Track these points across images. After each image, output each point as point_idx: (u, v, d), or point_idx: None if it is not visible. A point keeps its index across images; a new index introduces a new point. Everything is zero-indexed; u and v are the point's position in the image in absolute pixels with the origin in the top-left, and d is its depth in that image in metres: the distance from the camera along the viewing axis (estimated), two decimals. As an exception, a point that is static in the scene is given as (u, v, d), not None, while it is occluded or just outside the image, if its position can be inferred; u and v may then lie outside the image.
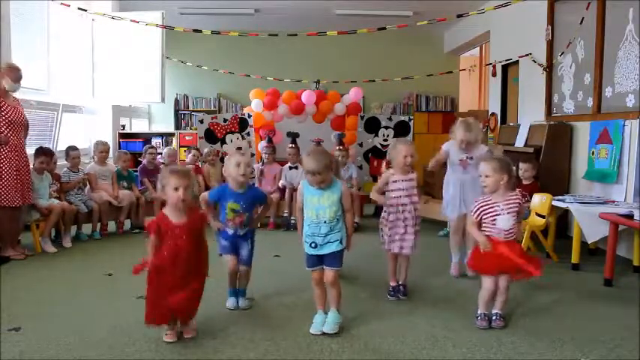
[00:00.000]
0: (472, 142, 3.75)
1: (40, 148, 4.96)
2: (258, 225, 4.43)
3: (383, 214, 3.44)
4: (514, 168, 3.06)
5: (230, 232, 3.17)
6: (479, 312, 2.97)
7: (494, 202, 2.92)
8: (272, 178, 5.98)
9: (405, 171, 3.35)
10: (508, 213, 2.89)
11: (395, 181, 3.35)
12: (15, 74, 4.33)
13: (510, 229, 2.90)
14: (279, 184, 5.96)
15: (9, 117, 4.25)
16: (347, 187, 2.90)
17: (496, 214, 2.90)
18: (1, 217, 4.27)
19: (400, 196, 3.34)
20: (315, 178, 2.75)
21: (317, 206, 2.79)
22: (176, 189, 2.63)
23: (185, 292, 2.64)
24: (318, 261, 2.85)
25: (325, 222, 2.78)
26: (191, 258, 2.68)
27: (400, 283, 3.45)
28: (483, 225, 2.96)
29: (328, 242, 2.80)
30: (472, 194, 3.56)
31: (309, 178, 2.78)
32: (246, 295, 3.32)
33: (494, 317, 2.95)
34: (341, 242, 2.82)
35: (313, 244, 2.82)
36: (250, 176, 3.26)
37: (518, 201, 2.93)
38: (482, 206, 2.96)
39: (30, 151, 4.78)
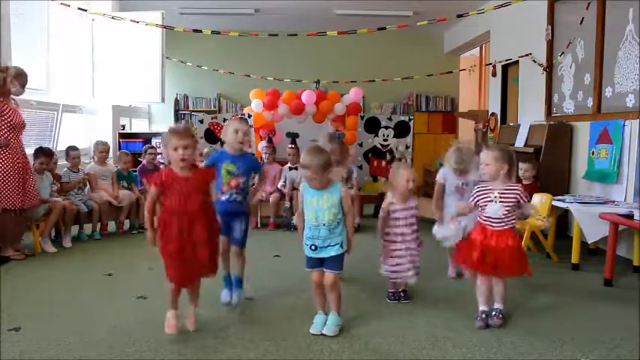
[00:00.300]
0: (465, 171, 3.74)
1: (40, 148, 4.96)
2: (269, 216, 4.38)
3: (385, 237, 3.35)
4: (515, 159, 3.06)
5: (225, 197, 3.13)
6: (479, 310, 2.97)
7: (490, 189, 2.93)
8: (272, 178, 5.98)
9: (406, 197, 3.30)
10: (501, 202, 2.88)
11: (395, 211, 3.31)
12: (23, 80, 4.42)
13: (501, 218, 2.88)
14: (279, 185, 5.96)
15: (10, 120, 4.26)
16: (347, 188, 2.87)
17: (488, 200, 2.91)
18: (4, 219, 4.27)
19: (399, 225, 3.30)
20: (307, 174, 2.75)
21: (316, 208, 2.78)
22: (175, 149, 2.62)
23: (202, 248, 2.65)
24: (318, 263, 2.84)
25: (324, 225, 2.76)
26: (197, 215, 2.65)
27: (400, 289, 3.43)
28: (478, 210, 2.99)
29: (329, 245, 2.78)
30: (469, 221, 3.56)
31: (304, 173, 2.79)
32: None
33: (493, 313, 2.95)
34: (341, 246, 2.80)
35: (313, 247, 2.80)
36: (248, 144, 3.25)
37: (517, 192, 2.90)
38: (479, 191, 2.99)
39: (29, 151, 4.79)
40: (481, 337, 2.79)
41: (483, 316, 2.95)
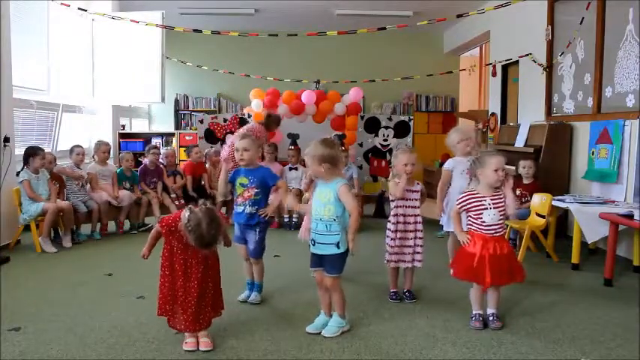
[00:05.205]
0: (474, 139, 3.76)
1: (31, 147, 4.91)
2: (274, 217, 4.43)
3: (389, 224, 3.37)
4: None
5: (240, 209, 3.23)
6: (473, 312, 2.97)
7: (481, 196, 2.89)
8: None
9: (409, 181, 3.31)
10: (495, 208, 2.86)
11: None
12: (278, 122, 6.02)
13: (499, 224, 2.87)
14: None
15: None
16: (346, 185, 2.74)
17: (483, 209, 2.86)
18: None
19: (403, 206, 3.31)
20: (308, 162, 2.80)
21: (316, 201, 2.78)
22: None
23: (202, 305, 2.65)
24: (318, 262, 2.82)
25: (321, 219, 2.75)
26: (205, 272, 2.64)
27: (405, 289, 3.43)
28: (468, 218, 2.95)
29: (324, 243, 2.75)
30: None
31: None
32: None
33: (490, 318, 2.94)
34: (337, 246, 2.73)
35: (312, 242, 2.81)
36: (254, 157, 3.31)
37: (503, 198, 2.89)
38: (468, 198, 2.92)
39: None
40: (481, 337, 2.79)
41: (480, 318, 2.94)
